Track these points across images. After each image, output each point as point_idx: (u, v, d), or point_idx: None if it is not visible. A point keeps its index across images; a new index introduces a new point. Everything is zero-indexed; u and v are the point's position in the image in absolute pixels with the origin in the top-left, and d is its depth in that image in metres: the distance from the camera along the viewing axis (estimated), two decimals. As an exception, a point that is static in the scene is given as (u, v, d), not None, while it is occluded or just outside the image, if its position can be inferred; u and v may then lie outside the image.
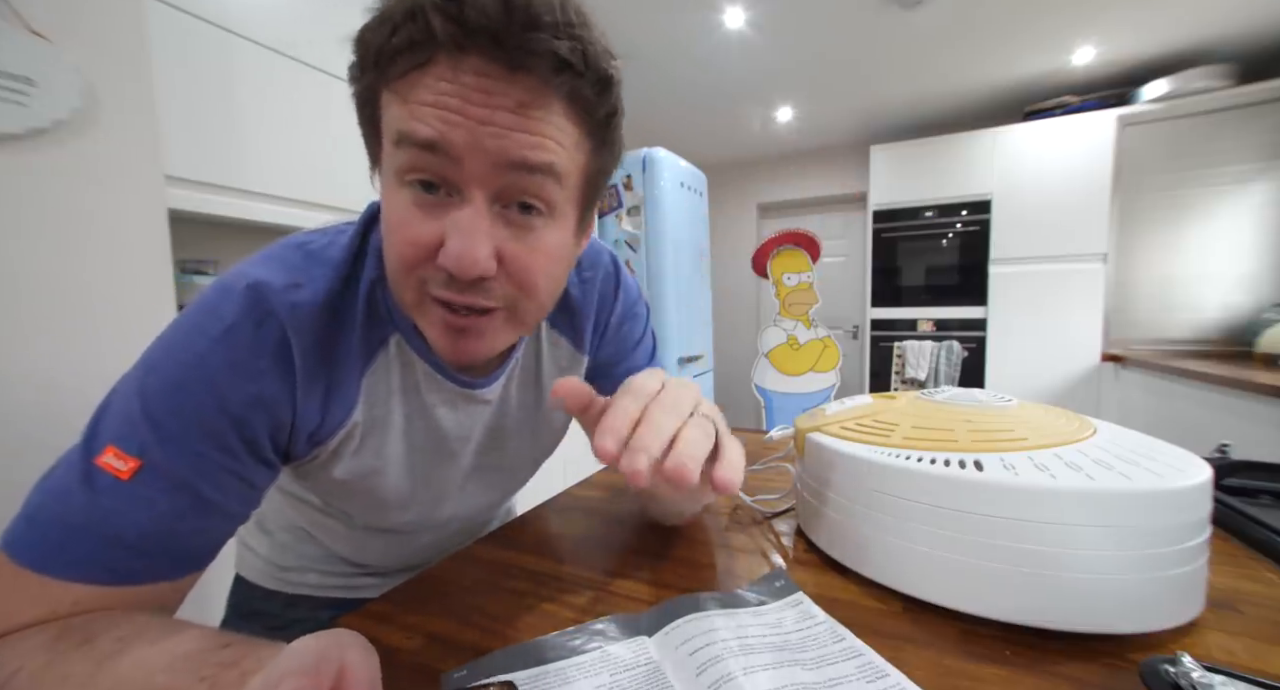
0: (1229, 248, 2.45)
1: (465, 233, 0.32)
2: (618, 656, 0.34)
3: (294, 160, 1.31)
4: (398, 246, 0.34)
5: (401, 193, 0.33)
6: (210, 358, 0.33)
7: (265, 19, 1.24)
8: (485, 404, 0.49)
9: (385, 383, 0.42)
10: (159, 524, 0.32)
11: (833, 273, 3.82)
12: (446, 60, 0.30)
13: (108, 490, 0.31)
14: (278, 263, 0.37)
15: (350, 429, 0.41)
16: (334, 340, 0.38)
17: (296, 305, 0.36)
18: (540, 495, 0.69)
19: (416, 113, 0.31)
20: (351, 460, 0.42)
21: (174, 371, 0.33)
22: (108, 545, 0.31)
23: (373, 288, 0.40)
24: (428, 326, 0.37)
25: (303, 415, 0.37)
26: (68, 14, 0.78)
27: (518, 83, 0.31)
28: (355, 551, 0.58)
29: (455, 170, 0.32)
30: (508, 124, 0.31)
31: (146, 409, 0.32)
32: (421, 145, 0.31)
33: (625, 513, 0.62)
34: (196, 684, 0.25)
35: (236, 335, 0.34)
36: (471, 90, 0.30)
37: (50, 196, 0.77)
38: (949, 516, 0.38)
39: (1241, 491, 0.61)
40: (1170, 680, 0.31)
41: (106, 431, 0.32)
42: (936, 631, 0.38)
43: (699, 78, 2.68)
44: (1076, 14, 2.16)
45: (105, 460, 0.31)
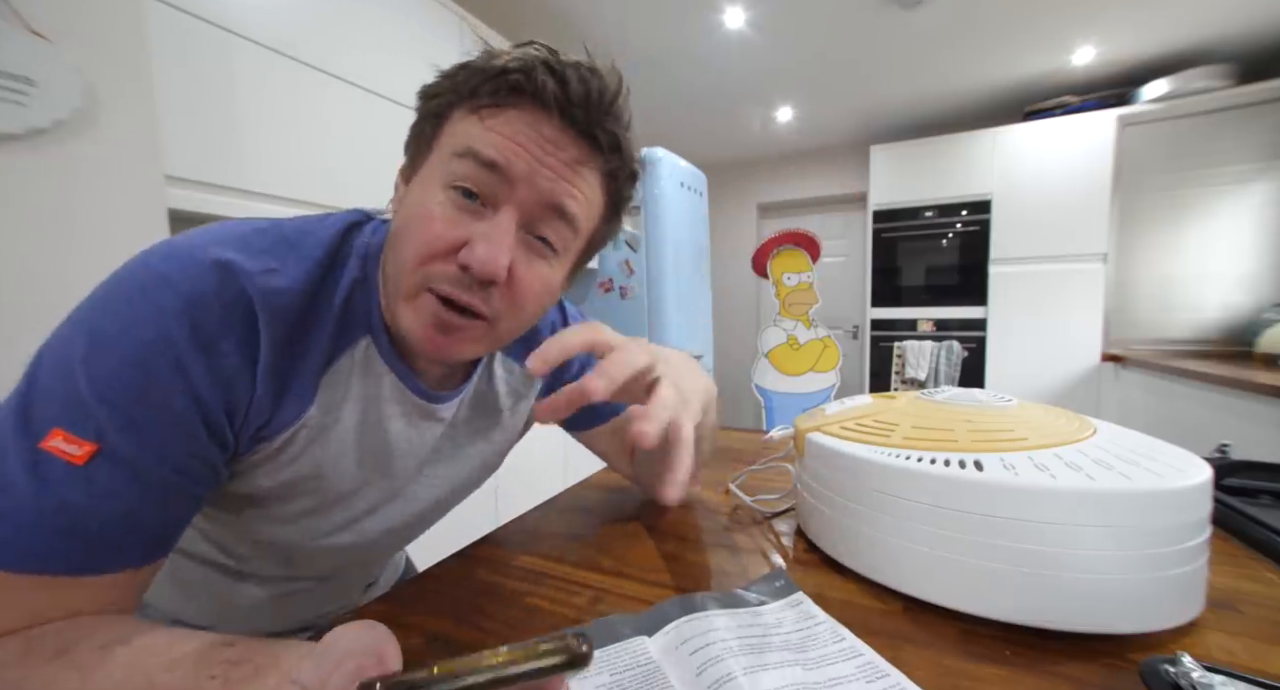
0: (1229, 248, 2.45)
1: (494, 240, 0.36)
2: (618, 656, 0.34)
3: (294, 160, 1.31)
4: (422, 237, 0.36)
5: (443, 194, 0.37)
6: (175, 335, 0.31)
7: (265, 19, 1.24)
8: (439, 423, 0.48)
9: (344, 386, 0.41)
10: (121, 511, 0.30)
11: (833, 273, 3.82)
12: (535, 110, 0.36)
13: (60, 478, 0.29)
14: (244, 244, 0.35)
15: (297, 430, 0.39)
16: (302, 335, 0.37)
17: (273, 291, 0.35)
18: (540, 495, 0.69)
19: (490, 137, 0.36)
20: (291, 466, 0.40)
21: (133, 349, 0.30)
22: (64, 535, 0.29)
23: (352, 289, 0.40)
24: (416, 315, 0.37)
25: (256, 405, 0.36)
26: (68, 14, 0.78)
27: (580, 146, 0.38)
28: (207, 611, 0.50)
29: (504, 190, 0.36)
30: (560, 173, 0.37)
31: (99, 390, 0.30)
32: (484, 163, 0.36)
33: (625, 513, 0.62)
34: (206, 682, 0.25)
35: (202, 313, 0.32)
36: (544, 139, 0.36)
37: (50, 196, 0.77)
38: (949, 516, 0.38)
39: (1241, 491, 0.61)
40: (1170, 680, 0.31)
41: (47, 413, 0.29)
42: (936, 631, 0.38)
43: (699, 78, 2.69)
44: (1076, 14, 2.16)
45: (53, 445, 0.29)
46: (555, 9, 2.08)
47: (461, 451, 0.52)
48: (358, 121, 1.46)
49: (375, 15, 1.50)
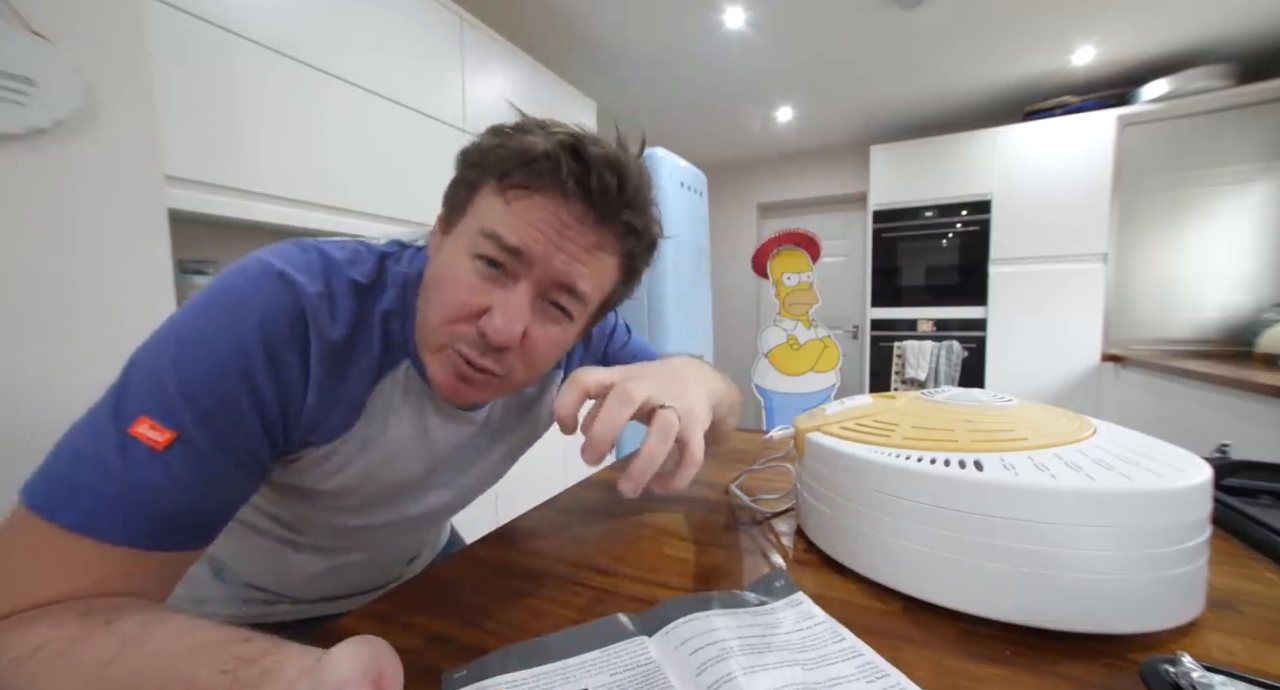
0: (1229, 248, 2.45)
1: (511, 311, 0.40)
2: (618, 656, 0.34)
3: (294, 160, 1.31)
4: (450, 303, 0.40)
5: (469, 263, 0.40)
6: (249, 346, 0.36)
7: (265, 19, 1.24)
8: (474, 424, 0.53)
9: (387, 403, 0.46)
10: (189, 495, 0.34)
11: (833, 273, 3.82)
12: (558, 196, 0.39)
13: (143, 460, 0.33)
14: (303, 267, 0.40)
15: (345, 440, 0.44)
16: (347, 353, 0.42)
17: (321, 313, 0.39)
18: (540, 495, 0.69)
19: (512, 222, 0.39)
20: (340, 473, 0.45)
21: (214, 352, 0.35)
22: (141, 510, 0.33)
23: (388, 317, 0.44)
24: (439, 367, 0.42)
25: (308, 411, 0.40)
26: (68, 14, 0.78)
27: (599, 233, 0.41)
28: (277, 578, 0.58)
29: (521, 268, 0.40)
30: (576, 256, 0.41)
31: (184, 386, 0.34)
32: (506, 247, 0.39)
33: (625, 513, 0.62)
34: (217, 676, 0.26)
35: (272, 326, 0.37)
36: (563, 225, 0.40)
37: (50, 196, 0.77)
38: (949, 516, 0.38)
39: (1241, 491, 0.61)
40: (1170, 680, 0.31)
41: (137, 402, 0.34)
42: (936, 631, 0.38)
43: (699, 78, 2.68)
44: (1076, 14, 2.16)
45: (140, 430, 0.33)
46: (555, 9, 2.08)
47: (493, 443, 0.58)
48: (358, 121, 1.46)
49: (375, 15, 1.50)
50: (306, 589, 0.59)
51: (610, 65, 2.53)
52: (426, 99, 1.66)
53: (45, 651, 0.28)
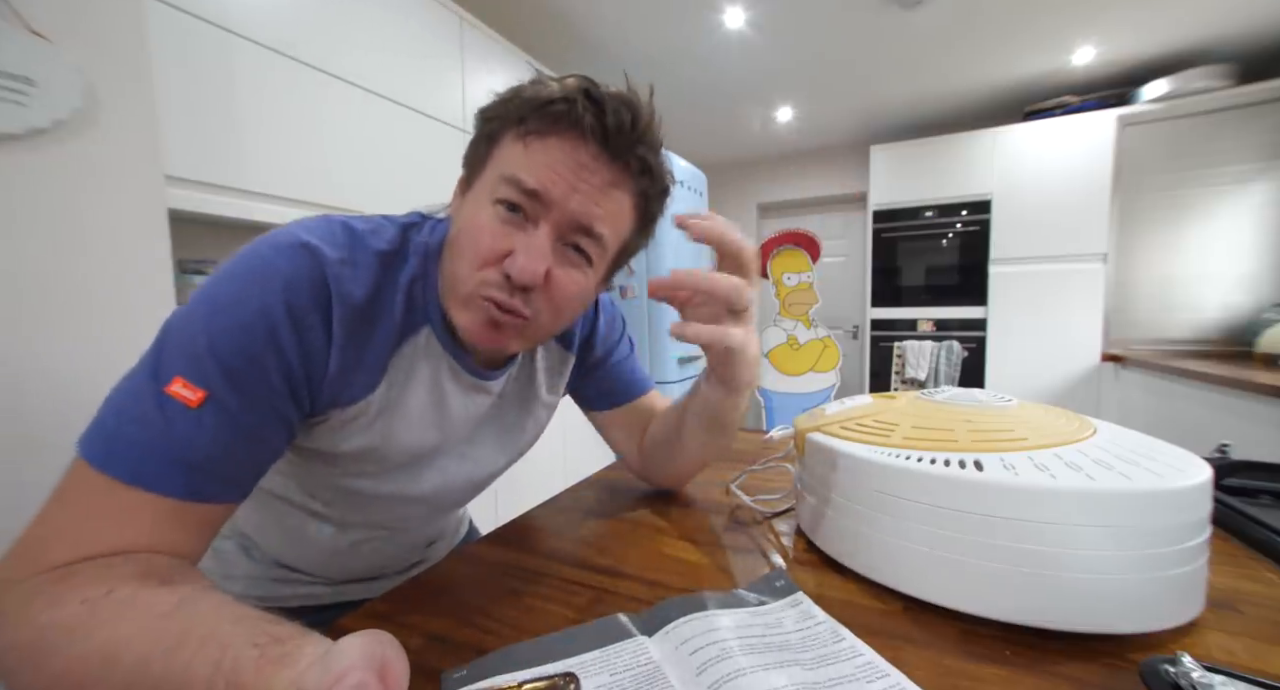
0: (1229, 248, 2.45)
1: (533, 251, 0.41)
2: (618, 656, 0.34)
3: (294, 160, 1.31)
4: (474, 249, 0.42)
5: (491, 209, 0.42)
6: (274, 311, 0.38)
7: (265, 19, 1.24)
8: (489, 396, 0.55)
9: (407, 368, 0.47)
10: (221, 450, 0.36)
11: (833, 273, 3.82)
12: (574, 138, 0.41)
13: (178, 416, 0.35)
14: (327, 236, 0.42)
15: (369, 402, 0.45)
16: (371, 319, 0.44)
17: (343, 278, 0.41)
18: (540, 495, 0.69)
19: (532, 166, 0.41)
20: (361, 436, 0.47)
21: (241, 316, 0.37)
22: (182, 465, 0.35)
23: (413, 283, 0.46)
24: (471, 315, 0.43)
25: (331, 375, 0.42)
26: (68, 14, 0.78)
27: (613, 171, 0.43)
28: (304, 555, 0.60)
29: (540, 210, 0.42)
30: (592, 196, 0.42)
31: (213, 347, 0.36)
32: (525, 190, 0.41)
33: (626, 513, 0.62)
34: (249, 647, 0.27)
35: (295, 291, 0.39)
36: (580, 166, 0.42)
37: (50, 196, 0.77)
38: (949, 516, 0.38)
39: (1241, 491, 0.61)
40: (1170, 680, 0.31)
41: (173, 363, 0.36)
42: (936, 631, 0.38)
43: (699, 78, 2.69)
44: (1076, 14, 2.16)
45: (175, 389, 0.35)
46: (554, 9, 2.08)
47: (506, 418, 0.59)
48: (358, 121, 1.46)
49: (375, 15, 1.50)
50: (330, 567, 0.61)
51: (610, 65, 2.53)
52: (426, 99, 1.66)
53: (115, 595, 0.31)
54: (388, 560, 0.64)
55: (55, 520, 0.34)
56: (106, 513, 0.34)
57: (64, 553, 0.33)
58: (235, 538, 0.60)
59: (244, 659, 0.27)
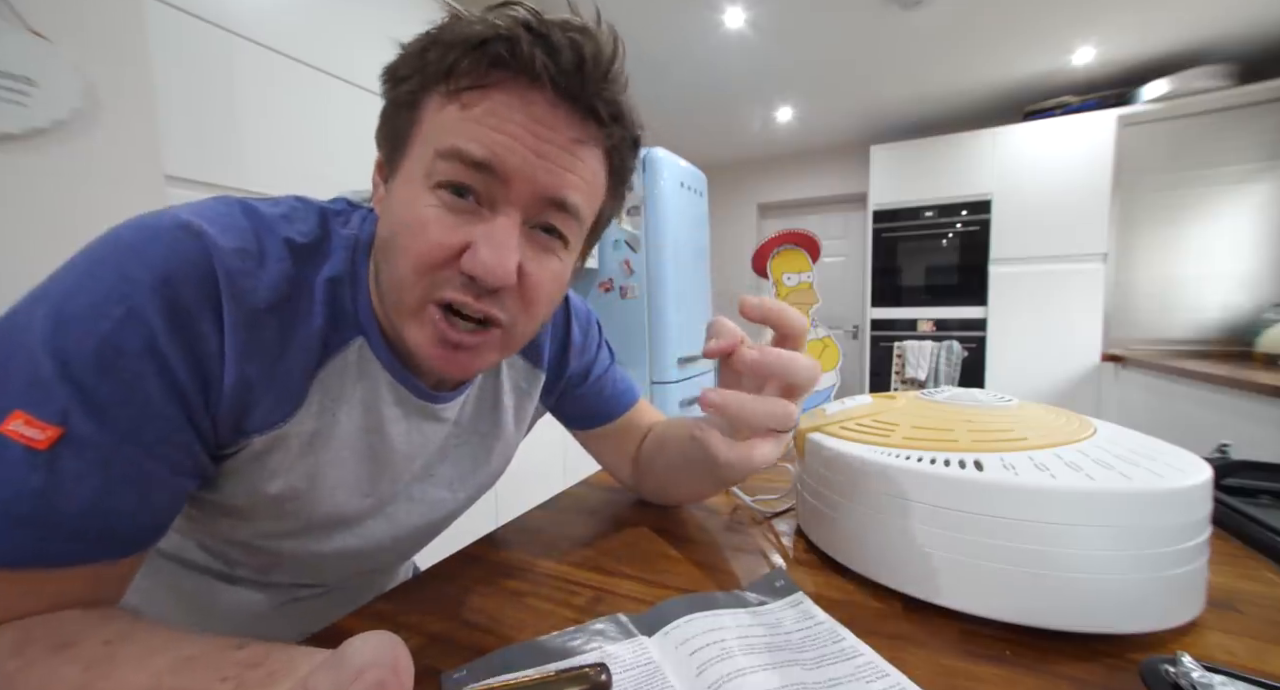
0: (1229, 248, 2.45)
1: (499, 244, 0.32)
2: (618, 656, 0.34)
3: (294, 160, 1.31)
4: (419, 247, 0.33)
5: (430, 196, 0.33)
6: (147, 312, 0.29)
7: (265, 19, 1.24)
8: (442, 423, 0.46)
9: (337, 389, 0.38)
10: (88, 500, 0.28)
11: (833, 273, 3.82)
12: (524, 86, 0.32)
13: (19, 463, 0.27)
14: (218, 219, 0.33)
15: (288, 431, 0.37)
16: (281, 327, 0.35)
17: (239, 273, 0.32)
18: (540, 495, 0.69)
19: (476, 131, 0.32)
20: (284, 473, 0.38)
21: (101, 327, 0.28)
22: (27, 527, 0.27)
23: (335, 284, 0.37)
24: (420, 334, 0.35)
25: (230, 393, 0.33)
26: (68, 14, 0.78)
27: (576, 123, 0.34)
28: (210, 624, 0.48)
29: (499, 190, 0.33)
30: (559, 161, 0.33)
31: (68, 370, 0.27)
32: (472, 163, 0.32)
33: (625, 513, 0.62)
34: (218, 684, 0.24)
35: (176, 288, 0.30)
36: (535, 121, 0.32)
37: (50, 196, 0.77)
38: (949, 516, 0.38)
39: (1241, 491, 0.61)
40: (1170, 680, 0.31)
41: (7, 394, 0.27)
42: (936, 631, 0.38)
43: (699, 78, 2.69)
44: (1076, 14, 2.16)
45: (12, 428, 0.27)
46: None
47: (469, 451, 0.50)
48: (357, 121, 1.46)
49: (375, 15, 1.50)
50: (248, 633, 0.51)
51: (610, 65, 2.53)
52: (426, 99, 1.65)
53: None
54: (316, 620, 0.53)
55: None
56: None
57: None
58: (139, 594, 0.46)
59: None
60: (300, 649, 0.26)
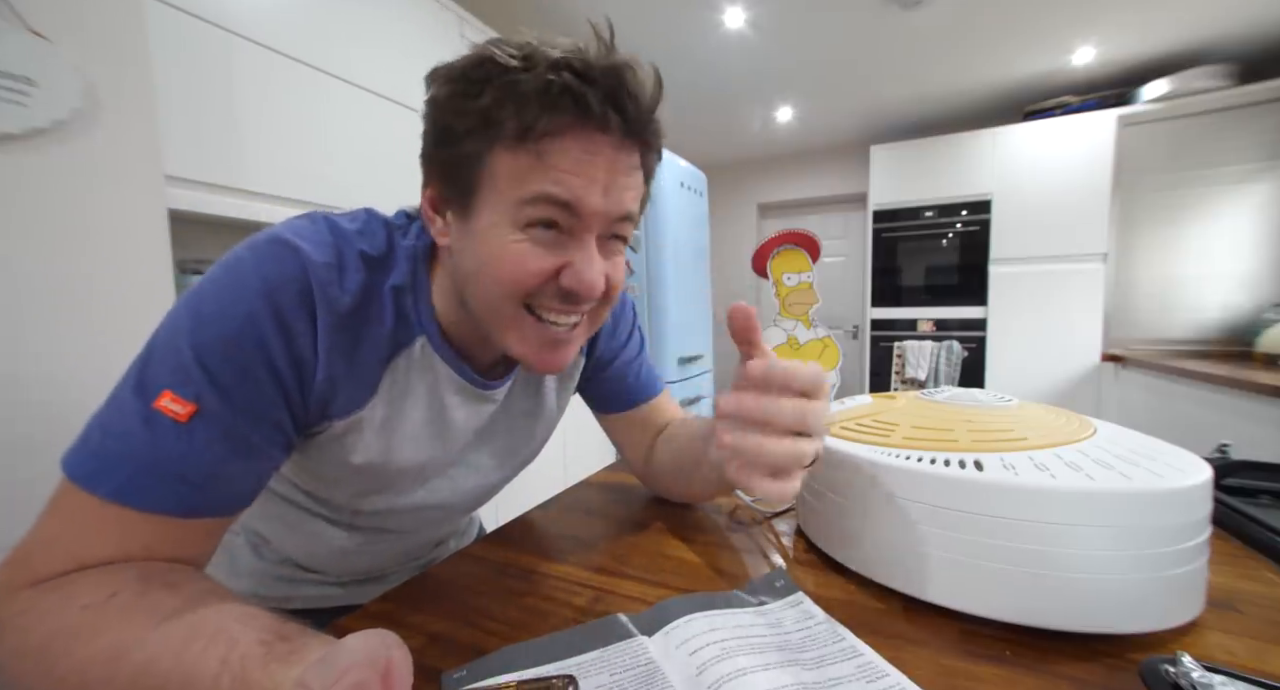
0: (1229, 248, 2.45)
1: (591, 265, 0.39)
2: (617, 656, 0.34)
3: (294, 160, 1.31)
4: (518, 276, 0.39)
5: (519, 233, 0.38)
6: (259, 314, 0.36)
7: (265, 19, 1.24)
8: (493, 403, 0.52)
9: (404, 382, 0.45)
10: (215, 464, 0.35)
11: (833, 273, 3.82)
12: (592, 130, 0.37)
13: (168, 432, 0.34)
14: (311, 236, 0.39)
15: (363, 416, 0.43)
16: (359, 327, 0.41)
17: (329, 283, 0.39)
18: (540, 495, 0.69)
19: (558, 177, 0.37)
20: (364, 449, 0.45)
21: (226, 326, 0.35)
22: (174, 481, 0.34)
23: (399, 292, 0.43)
24: (522, 341, 0.42)
25: (320, 384, 0.40)
26: (68, 14, 0.78)
27: (632, 152, 0.40)
28: (313, 554, 0.58)
29: (577, 221, 0.38)
30: (622, 185, 0.39)
31: (200, 359, 0.35)
32: (559, 204, 0.37)
33: (625, 513, 0.62)
34: (256, 644, 0.28)
35: (280, 295, 0.37)
36: (606, 161, 0.38)
37: (50, 196, 0.77)
38: (949, 516, 0.38)
39: (1241, 491, 0.61)
40: (1170, 680, 0.31)
41: (159, 377, 0.35)
42: (936, 631, 0.38)
43: (699, 78, 2.68)
44: (1076, 14, 2.16)
45: (163, 404, 0.34)
46: (554, 8, 2.08)
47: (514, 425, 0.57)
48: (358, 121, 1.46)
49: (375, 15, 1.50)
50: (339, 566, 0.60)
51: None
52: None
53: (119, 598, 0.31)
54: (398, 560, 0.64)
55: (50, 532, 0.34)
56: (98, 529, 0.33)
57: (60, 563, 0.33)
58: (245, 535, 0.60)
59: (251, 655, 0.27)
60: (319, 639, 0.29)
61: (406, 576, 0.52)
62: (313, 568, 0.60)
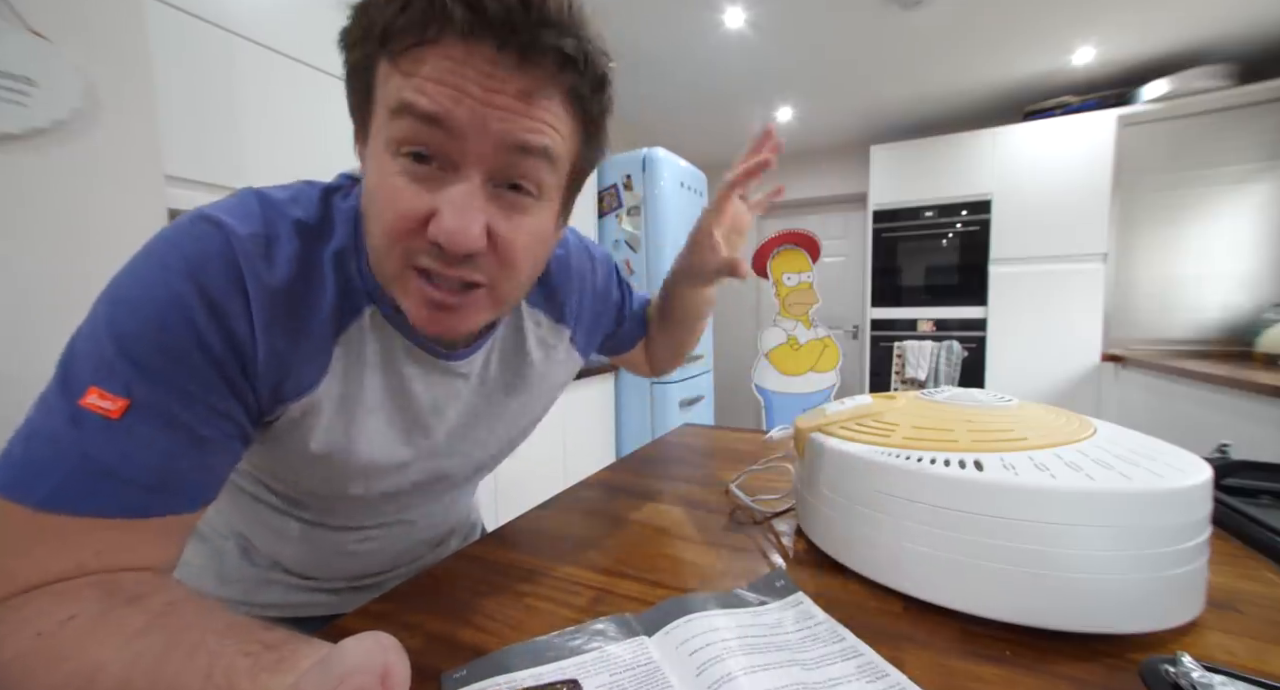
0: (1229, 248, 2.45)
1: (460, 208, 0.33)
2: (618, 656, 0.34)
3: (294, 160, 1.31)
4: (386, 217, 0.34)
5: (393, 163, 0.33)
6: (183, 294, 0.33)
7: (265, 19, 1.24)
8: (462, 378, 0.48)
9: (359, 353, 0.41)
10: (158, 459, 0.32)
11: (833, 273, 3.82)
12: (458, 42, 0.31)
13: (99, 430, 0.31)
14: (237, 209, 0.36)
15: (319, 397, 0.40)
16: (299, 300, 0.37)
17: (257, 256, 0.35)
18: (540, 495, 0.69)
19: (421, 86, 0.31)
20: (323, 433, 0.41)
21: (150, 309, 0.32)
22: (109, 480, 0.31)
23: (341, 255, 0.39)
24: (406, 299, 0.37)
25: (264, 363, 0.36)
26: (68, 14, 0.78)
27: (524, 73, 0.32)
28: (298, 557, 0.56)
29: (455, 146, 0.33)
30: (512, 109, 0.32)
31: (125, 349, 0.32)
32: (422, 117, 0.32)
33: (625, 513, 0.62)
34: (240, 657, 0.26)
35: (205, 274, 0.33)
36: (480, 74, 0.31)
37: (50, 196, 0.77)
38: (949, 516, 0.38)
39: (1241, 491, 0.61)
40: (1170, 680, 0.31)
41: (82, 375, 0.32)
42: (936, 631, 0.38)
43: (699, 78, 2.68)
44: (1076, 14, 2.16)
45: (90, 402, 0.31)
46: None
47: (499, 403, 0.52)
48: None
49: (375, 15, 1.50)
50: (330, 568, 0.57)
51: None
52: (426, 99, 1.65)
53: (77, 622, 0.28)
54: (391, 562, 0.60)
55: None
56: (36, 543, 0.30)
57: (2, 587, 0.30)
58: (234, 538, 0.56)
59: (236, 668, 0.26)
60: (310, 644, 0.28)
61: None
62: (304, 573, 0.57)
